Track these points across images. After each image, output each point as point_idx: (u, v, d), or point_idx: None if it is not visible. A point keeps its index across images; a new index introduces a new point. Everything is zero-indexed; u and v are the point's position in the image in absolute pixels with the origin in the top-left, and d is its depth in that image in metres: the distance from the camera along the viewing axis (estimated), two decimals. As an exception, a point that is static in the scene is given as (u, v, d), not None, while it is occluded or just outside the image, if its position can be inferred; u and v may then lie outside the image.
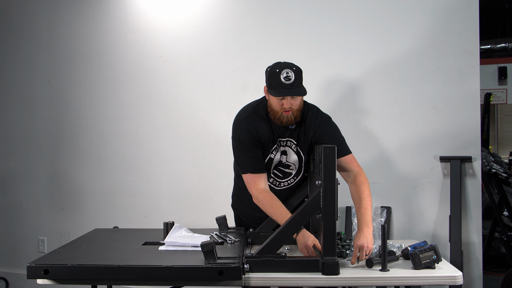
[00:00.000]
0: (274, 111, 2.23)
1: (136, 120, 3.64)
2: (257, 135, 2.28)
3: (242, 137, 2.30)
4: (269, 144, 2.31)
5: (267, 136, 2.30)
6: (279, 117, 2.21)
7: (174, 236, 2.30)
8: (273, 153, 2.33)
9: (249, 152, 2.29)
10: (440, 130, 3.02)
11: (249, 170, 2.30)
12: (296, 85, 2.16)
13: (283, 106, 2.18)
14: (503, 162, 4.62)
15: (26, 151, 3.96)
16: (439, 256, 2.03)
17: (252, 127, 2.28)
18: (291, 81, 2.15)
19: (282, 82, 2.15)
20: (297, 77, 2.17)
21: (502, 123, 10.02)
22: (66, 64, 3.82)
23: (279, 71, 2.16)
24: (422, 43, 3.04)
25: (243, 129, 2.30)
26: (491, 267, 4.54)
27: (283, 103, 2.18)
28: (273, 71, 2.19)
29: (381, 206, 2.46)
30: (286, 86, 2.15)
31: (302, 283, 1.96)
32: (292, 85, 2.15)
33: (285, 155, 2.34)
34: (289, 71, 2.16)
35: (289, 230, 2.06)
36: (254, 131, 2.28)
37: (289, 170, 2.37)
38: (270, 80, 2.19)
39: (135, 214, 3.62)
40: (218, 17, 3.43)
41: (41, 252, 3.88)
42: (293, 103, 2.19)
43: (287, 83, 2.15)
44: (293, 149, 2.34)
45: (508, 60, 8.78)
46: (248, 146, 2.29)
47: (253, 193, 2.30)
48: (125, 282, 1.95)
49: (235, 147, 2.35)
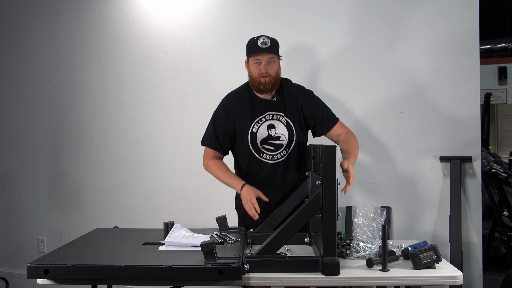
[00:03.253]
0: (253, 78, 2.44)
1: (136, 120, 3.64)
2: (231, 116, 2.50)
3: (217, 113, 2.56)
4: (247, 119, 2.48)
5: (246, 113, 2.48)
6: (257, 83, 2.42)
7: (174, 236, 2.30)
8: (255, 127, 2.48)
9: (215, 128, 2.53)
10: (440, 130, 3.02)
11: (207, 142, 2.57)
12: (272, 49, 2.40)
13: (261, 71, 2.39)
14: (503, 162, 4.62)
15: (26, 151, 3.96)
16: (439, 256, 2.03)
17: (229, 107, 2.52)
18: (268, 46, 2.38)
19: (259, 46, 2.38)
20: (273, 44, 2.41)
21: (502, 123, 10.02)
22: (66, 64, 3.82)
23: (256, 39, 2.41)
24: (422, 43, 3.04)
25: (221, 108, 2.55)
26: (491, 267, 4.54)
27: (260, 68, 2.40)
28: (251, 39, 2.45)
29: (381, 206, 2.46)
30: (263, 49, 2.38)
31: (302, 283, 1.96)
32: (268, 49, 2.38)
33: (273, 128, 2.48)
34: (265, 38, 2.41)
35: (290, 230, 2.06)
36: (231, 112, 2.50)
37: (279, 141, 2.49)
38: (249, 47, 2.44)
39: (135, 214, 3.62)
40: (218, 17, 3.43)
41: (41, 252, 3.88)
42: (269, 68, 2.40)
43: (264, 47, 2.38)
44: (282, 122, 2.49)
45: (508, 60, 8.78)
46: (217, 123, 2.53)
47: (204, 162, 2.59)
48: (125, 282, 1.95)
49: (210, 120, 2.59)
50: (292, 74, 2.71)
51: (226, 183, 2.51)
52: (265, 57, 2.39)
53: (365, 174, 3.12)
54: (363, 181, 3.11)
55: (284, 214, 2.45)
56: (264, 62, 2.40)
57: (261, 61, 2.40)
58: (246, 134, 2.48)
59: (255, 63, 2.41)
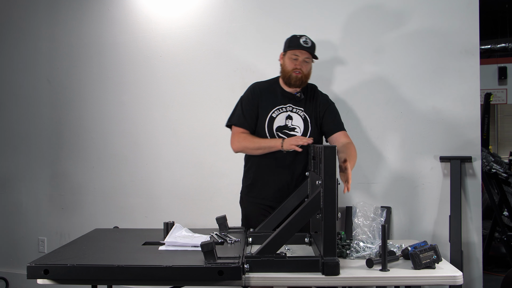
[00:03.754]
0: (286, 71, 2.58)
1: (136, 120, 3.64)
2: (257, 98, 2.62)
3: (244, 96, 2.67)
4: (270, 105, 2.60)
5: (270, 98, 2.61)
6: (289, 76, 2.56)
7: (174, 236, 2.30)
8: (275, 113, 2.59)
9: (243, 109, 2.62)
10: (440, 130, 3.02)
11: (234, 122, 2.64)
12: (311, 50, 2.56)
13: (296, 66, 2.54)
14: (503, 162, 4.62)
15: (26, 151, 3.96)
16: (439, 256, 2.03)
17: (256, 91, 2.65)
18: (308, 45, 2.55)
19: (301, 43, 2.53)
20: (313, 45, 2.57)
21: (502, 123, 10.02)
22: (66, 64, 3.82)
23: (299, 36, 2.56)
24: (422, 43, 3.04)
25: (249, 90, 2.68)
26: (491, 267, 4.54)
27: (296, 63, 2.54)
28: (293, 36, 2.59)
29: (381, 206, 2.46)
30: (304, 47, 2.53)
31: (302, 283, 1.96)
32: (308, 48, 2.54)
33: (291, 119, 2.60)
34: (308, 38, 2.57)
35: (289, 230, 2.06)
36: (257, 94, 2.63)
37: (294, 132, 2.60)
38: (290, 42, 2.58)
39: (135, 214, 3.62)
40: (218, 17, 3.43)
41: (41, 252, 3.88)
42: (304, 66, 2.56)
43: (305, 46, 2.54)
44: (300, 115, 2.61)
45: (508, 60, 8.78)
46: (245, 105, 2.63)
47: (234, 140, 2.62)
48: (125, 282, 1.95)
49: (237, 103, 2.68)
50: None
51: (265, 145, 2.55)
52: (303, 55, 2.55)
53: (365, 174, 3.12)
54: (363, 181, 3.11)
55: (284, 214, 2.45)
56: (300, 59, 2.55)
57: (298, 57, 2.55)
58: (265, 117, 2.59)
59: (293, 58, 2.56)
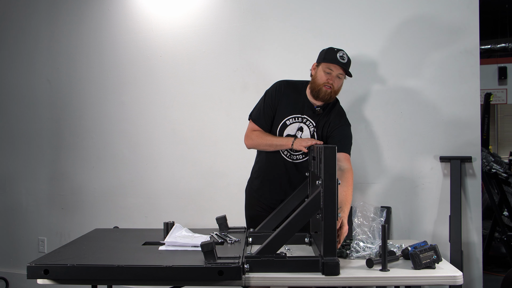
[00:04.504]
0: (316, 84, 2.48)
1: (136, 120, 3.64)
2: (279, 98, 2.56)
3: (270, 91, 2.61)
4: (289, 109, 2.55)
5: (291, 102, 2.55)
6: (319, 89, 2.47)
7: (174, 236, 2.30)
8: (289, 120, 2.55)
9: (264, 106, 2.58)
10: (440, 130, 3.02)
11: (255, 118, 2.61)
12: (346, 66, 2.47)
13: (328, 81, 2.45)
14: (503, 162, 4.62)
15: (26, 151, 3.96)
16: (439, 256, 2.03)
17: (282, 90, 2.57)
18: (345, 61, 2.46)
19: (337, 58, 2.45)
20: (348, 62, 2.48)
21: (502, 123, 10.02)
22: (66, 64, 3.82)
23: (336, 50, 2.47)
24: (422, 43, 3.03)
25: (276, 87, 2.60)
26: (491, 267, 4.54)
27: (329, 77, 2.45)
28: (331, 48, 2.50)
29: (381, 206, 2.46)
30: (341, 62, 2.44)
31: (302, 283, 1.96)
32: (345, 64, 2.46)
33: (301, 131, 2.55)
34: (345, 54, 2.48)
35: (289, 230, 2.06)
36: (280, 94, 2.56)
37: None
38: (326, 54, 2.48)
39: (135, 214, 3.62)
40: (218, 17, 3.43)
41: (41, 252, 3.88)
42: (336, 82, 2.47)
43: (342, 62, 2.45)
44: (310, 129, 2.55)
45: (508, 60, 8.77)
46: (267, 102, 2.58)
47: (247, 134, 2.62)
48: (125, 282, 1.95)
49: (262, 96, 2.63)
50: (291, 73, 2.71)
51: (277, 143, 2.52)
52: (337, 70, 2.46)
53: (365, 174, 3.12)
54: (363, 181, 3.11)
55: (284, 214, 2.45)
56: (334, 74, 2.46)
57: (332, 72, 2.46)
58: (279, 121, 2.56)
59: (326, 72, 2.46)
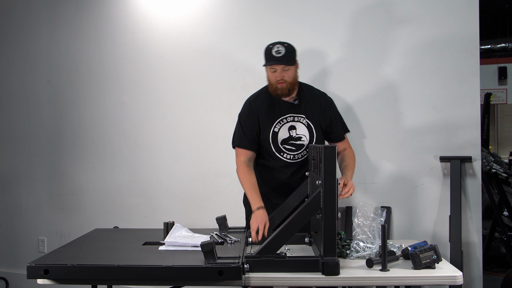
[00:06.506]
0: (270, 84, 2.53)
1: (136, 120, 3.64)
2: (255, 113, 2.56)
3: (242, 114, 2.62)
4: (270, 119, 2.55)
5: (269, 112, 2.55)
6: (275, 88, 2.50)
7: (174, 236, 2.30)
8: (277, 127, 2.55)
9: (243, 129, 2.58)
10: (440, 130, 3.02)
11: (236, 143, 2.60)
12: (286, 57, 2.44)
13: (277, 78, 2.47)
14: (503, 162, 4.62)
15: (26, 151, 3.96)
16: (439, 256, 2.03)
17: (253, 106, 2.59)
18: (281, 54, 2.43)
19: (273, 55, 2.44)
20: (287, 52, 2.45)
21: (502, 123, 10.03)
22: (66, 64, 3.82)
23: (271, 47, 2.47)
24: (422, 43, 3.03)
25: (245, 107, 2.62)
26: (491, 267, 4.54)
27: (276, 75, 2.47)
28: (267, 47, 2.49)
29: (381, 206, 2.46)
30: (276, 58, 2.43)
31: (302, 283, 1.96)
32: (281, 58, 2.43)
33: (294, 129, 2.56)
34: (280, 46, 2.45)
35: (289, 230, 2.06)
36: (254, 110, 2.57)
37: (301, 141, 2.57)
38: (265, 55, 2.49)
39: (135, 214, 3.62)
40: (218, 17, 3.43)
41: (41, 252, 3.88)
42: (285, 75, 2.47)
43: (277, 56, 2.43)
44: (303, 123, 2.56)
45: (508, 60, 8.78)
46: (244, 123, 2.58)
47: (236, 164, 2.59)
48: (125, 282, 1.95)
49: (236, 122, 2.64)
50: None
51: (247, 195, 2.52)
52: (279, 66, 2.46)
53: (365, 174, 3.11)
54: (363, 181, 3.11)
55: (284, 214, 2.45)
56: (279, 69, 2.46)
57: (276, 69, 2.47)
58: (268, 133, 2.56)
59: (272, 71, 2.49)
